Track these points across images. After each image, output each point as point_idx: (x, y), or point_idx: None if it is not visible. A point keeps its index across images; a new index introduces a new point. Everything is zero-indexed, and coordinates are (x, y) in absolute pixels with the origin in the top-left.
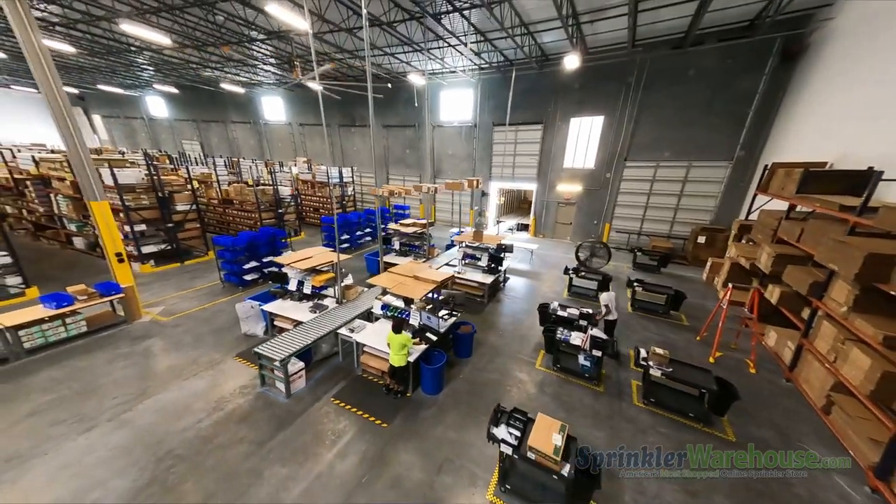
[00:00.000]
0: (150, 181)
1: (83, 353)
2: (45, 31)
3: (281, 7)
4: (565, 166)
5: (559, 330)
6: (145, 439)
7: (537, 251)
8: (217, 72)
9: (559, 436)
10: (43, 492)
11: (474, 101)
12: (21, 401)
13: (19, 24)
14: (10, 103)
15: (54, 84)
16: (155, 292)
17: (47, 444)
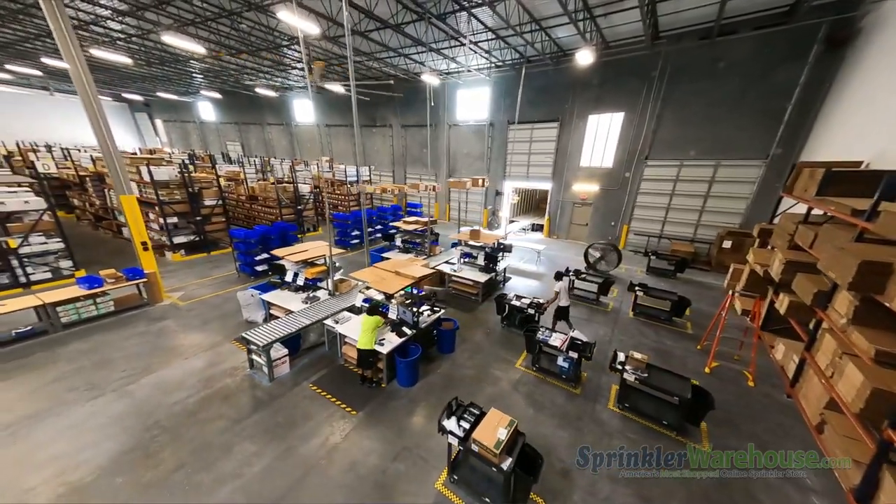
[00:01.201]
0: (182, 178)
1: (107, 330)
2: (106, 46)
3: (290, 13)
4: (582, 165)
5: (540, 330)
6: (140, 410)
7: (547, 252)
8: (252, 78)
9: (505, 430)
10: (48, 446)
11: (490, 100)
12: (50, 368)
13: (63, 42)
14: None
15: (90, 91)
16: (180, 279)
17: (61, 407)
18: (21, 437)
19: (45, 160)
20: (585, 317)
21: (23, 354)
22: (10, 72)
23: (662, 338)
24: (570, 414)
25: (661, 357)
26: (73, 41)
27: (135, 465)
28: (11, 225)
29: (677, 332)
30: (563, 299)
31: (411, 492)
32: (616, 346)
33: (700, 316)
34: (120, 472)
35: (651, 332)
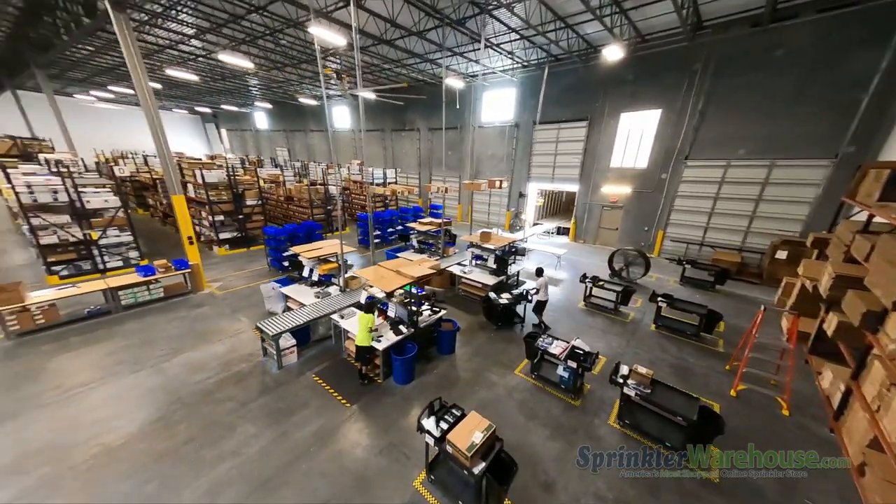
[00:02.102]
0: (228, 180)
1: (156, 313)
2: (179, 66)
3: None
4: (612, 166)
5: (541, 337)
6: (169, 386)
7: (570, 257)
8: (296, 88)
9: (481, 434)
10: (93, 410)
11: (515, 101)
12: (106, 343)
13: (133, 69)
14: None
15: (152, 108)
16: (220, 270)
17: (109, 378)
18: (75, 401)
19: (122, 166)
20: (601, 327)
21: (90, 330)
22: (111, 91)
23: (685, 354)
24: (565, 426)
25: (678, 375)
26: (141, 67)
27: (155, 434)
28: (94, 220)
29: (704, 349)
30: (541, 294)
31: (390, 487)
32: (630, 359)
33: (737, 334)
34: (143, 440)
35: (673, 348)
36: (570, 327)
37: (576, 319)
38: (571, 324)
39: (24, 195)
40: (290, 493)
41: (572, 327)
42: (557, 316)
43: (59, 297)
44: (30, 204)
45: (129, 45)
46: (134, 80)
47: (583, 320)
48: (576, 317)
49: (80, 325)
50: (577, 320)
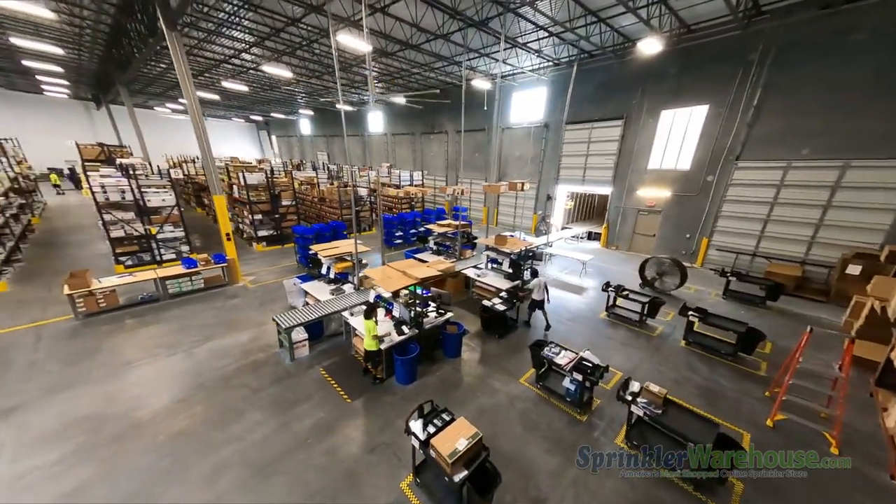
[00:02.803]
0: (267, 182)
1: (195, 302)
2: (233, 78)
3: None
4: (650, 167)
5: (548, 346)
6: (196, 370)
7: (597, 264)
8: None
9: (465, 442)
10: (131, 387)
11: (546, 100)
12: (152, 328)
13: (184, 85)
14: (218, 128)
15: (197, 113)
16: (255, 265)
17: (149, 359)
18: (118, 377)
19: (177, 169)
20: (622, 339)
21: (140, 315)
22: (181, 104)
23: (718, 375)
24: (566, 441)
25: (705, 397)
26: (189, 79)
27: (177, 413)
28: (154, 217)
29: (742, 371)
30: (535, 294)
31: (377, 486)
32: (650, 376)
33: (786, 357)
34: (166, 418)
35: (703, 367)
36: (586, 338)
37: (595, 330)
38: (589, 334)
39: (100, 194)
40: (284, 482)
41: (589, 338)
42: (575, 326)
43: (118, 284)
44: (103, 202)
45: (180, 59)
46: (183, 91)
47: (602, 331)
48: (595, 327)
49: (133, 310)
50: (595, 331)
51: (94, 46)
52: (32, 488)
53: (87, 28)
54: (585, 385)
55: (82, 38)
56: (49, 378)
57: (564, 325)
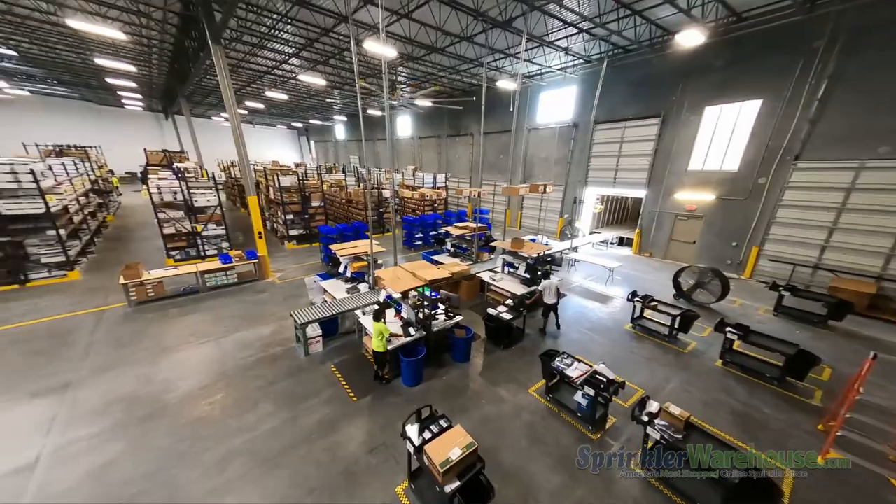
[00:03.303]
0: (298, 184)
1: (228, 295)
2: (273, 87)
3: (375, 43)
4: (690, 169)
5: (559, 356)
6: (221, 358)
7: (628, 272)
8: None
9: (459, 451)
10: (163, 371)
11: (576, 99)
12: (189, 317)
13: (224, 87)
14: (265, 135)
15: (236, 119)
16: (284, 262)
17: (182, 346)
18: (154, 362)
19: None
20: (646, 354)
21: (181, 305)
22: None
23: (760, 402)
24: (573, 459)
25: (741, 425)
26: (230, 89)
27: (199, 399)
28: (200, 216)
29: (790, 399)
30: (548, 297)
31: (373, 487)
32: (676, 396)
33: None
34: (188, 402)
35: (742, 391)
36: (605, 350)
37: (616, 342)
38: (609, 346)
39: (156, 195)
40: (285, 475)
41: (608, 350)
42: (594, 336)
43: (165, 275)
44: (158, 202)
45: (223, 71)
46: (224, 99)
47: (625, 344)
48: (618, 339)
49: (176, 300)
50: (617, 343)
51: (161, 63)
52: (73, 458)
53: (153, 47)
54: (598, 400)
55: (150, 56)
56: (100, 359)
57: (583, 335)
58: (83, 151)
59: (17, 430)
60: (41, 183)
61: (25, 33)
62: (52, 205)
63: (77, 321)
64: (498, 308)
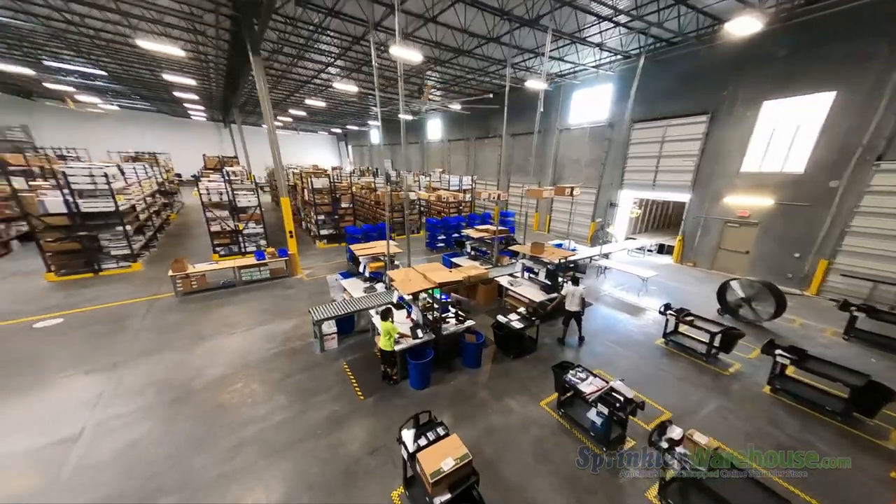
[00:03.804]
0: (330, 186)
1: (260, 290)
2: (311, 95)
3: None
4: (744, 170)
5: (574, 369)
6: (245, 349)
7: (665, 283)
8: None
9: (452, 462)
10: (196, 358)
11: (612, 97)
12: (225, 309)
13: (262, 95)
14: (307, 140)
15: (271, 125)
16: (314, 261)
17: (215, 335)
18: (189, 350)
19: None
20: (679, 373)
21: (219, 297)
22: (280, 121)
23: (815, 438)
24: (581, 481)
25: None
26: (267, 97)
27: (222, 387)
28: (241, 215)
29: (857, 438)
30: (570, 304)
31: (369, 491)
32: (709, 423)
33: None
34: (211, 390)
35: (792, 424)
36: (630, 365)
37: (644, 358)
38: (635, 362)
39: (205, 196)
40: (288, 468)
41: (634, 366)
42: (619, 350)
43: (207, 269)
44: (207, 202)
45: (261, 80)
46: (262, 107)
47: (654, 360)
48: (646, 355)
49: (216, 292)
50: (645, 359)
51: (217, 77)
52: (109, 434)
53: (210, 62)
54: (614, 419)
55: (208, 71)
56: (146, 343)
57: (607, 348)
58: (153, 157)
59: (70, 403)
60: (112, 185)
61: (110, 54)
62: (120, 204)
63: (133, 308)
64: (509, 316)
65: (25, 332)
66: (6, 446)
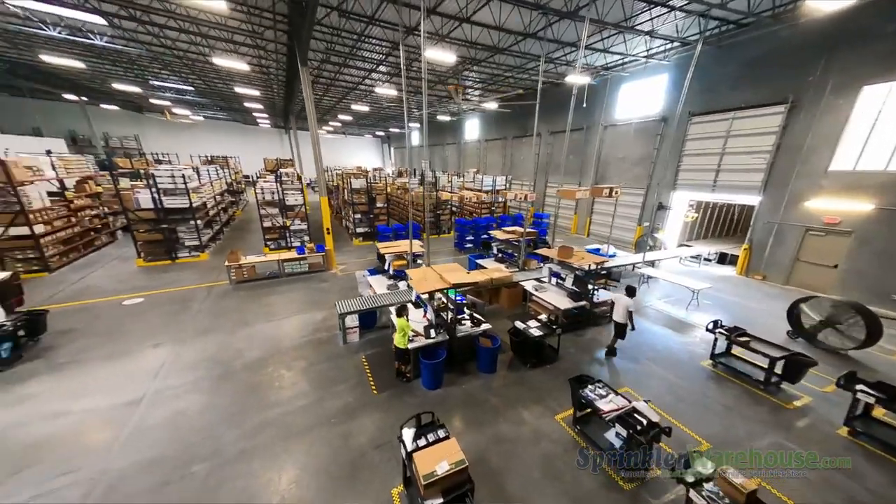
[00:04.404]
0: (367, 187)
1: (300, 282)
2: (358, 101)
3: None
4: (833, 169)
5: (594, 384)
6: (279, 336)
7: (723, 297)
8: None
9: (447, 466)
10: (238, 341)
11: (667, 89)
12: (267, 297)
13: (308, 101)
14: (354, 143)
15: (314, 129)
16: (349, 257)
17: (256, 321)
18: (235, 333)
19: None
20: (727, 401)
21: (264, 287)
22: (331, 125)
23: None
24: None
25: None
26: (312, 103)
27: (255, 370)
28: (289, 213)
29: None
30: (616, 313)
31: (371, 485)
32: (765, 466)
33: None
34: (247, 371)
35: (876, 478)
36: (665, 387)
37: (686, 380)
38: (674, 383)
39: (259, 195)
40: (301, 450)
41: (670, 388)
42: (655, 368)
43: (256, 261)
44: (261, 201)
45: (307, 87)
46: (307, 111)
47: (697, 383)
48: (688, 376)
49: (263, 282)
50: (686, 381)
51: (278, 87)
52: (164, 402)
53: (271, 74)
54: (634, 443)
55: (270, 82)
56: (202, 324)
57: (641, 365)
58: (224, 160)
59: (138, 371)
60: (188, 185)
61: (195, 72)
62: (193, 201)
63: (196, 292)
64: (528, 322)
65: (116, 308)
66: (89, 403)
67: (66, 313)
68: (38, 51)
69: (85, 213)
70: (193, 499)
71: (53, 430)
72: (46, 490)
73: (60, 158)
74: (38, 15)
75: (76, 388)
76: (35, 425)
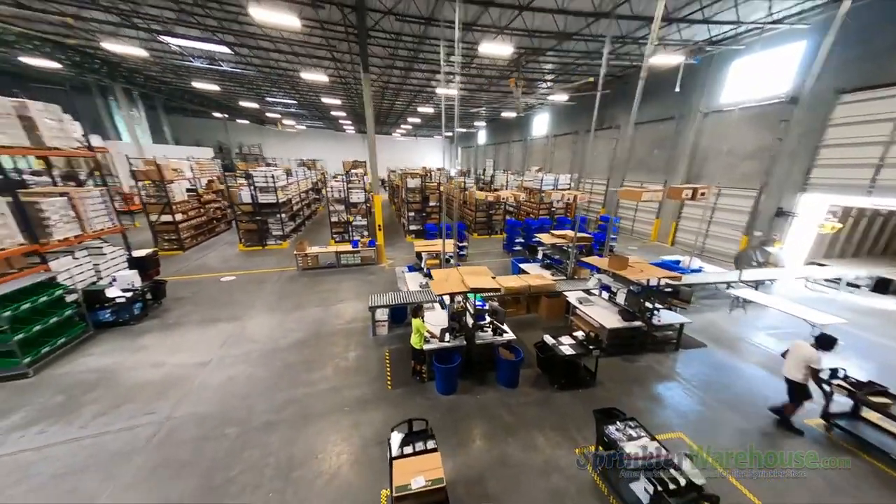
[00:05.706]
0: (421, 186)
1: (350, 273)
2: (424, 104)
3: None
4: None
5: (626, 421)
6: (320, 320)
7: (869, 337)
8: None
9: (423, 482)
10: (289, 323)
11: (801, 60)
12: (322, 285)
13: (366, 105)
14: (425, 144)
15: (371, 132)
16: (399, 252)
17: (309, 305)
18: (289, 314)
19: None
20: (840, 481)
21: (322, 275)
22: (402, 128)
23: None
24: None
25: None
26: (370, 106)
27: (294, 351)
28: (353, 209)
29: None
30: (787, 368)
31: (363, 482)
32: None
33: None
34: (289, 350)
35: None
36: (738, 441)
37: (774, 437)
38: (755, 438)
39: (330, 193)
40: (314, 431)
41: (742, 441)
42: (732, 417)
43: (318, 252)
44: (331, 198)
45: (367, 94)
46: (365, 114)
47: (794, 447)
48: (780, 435)
49: (322, 271)
50: (775, 440)
51: (357, 95)
52: (223, 367)
53: (349, 83)
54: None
55: (349, 91)
56: (267, 302)
57: (708, 408)
58: (312, 163)
59: (215, 338)
60: (277, 184)
61: (294, 87)
62: (280, 198)
63: (271, 275)
64: (560, 338)
65: (215, 284)
66: (178, 359)
67: (184, 284)
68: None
69: (210, 206)
70: (221, 457)
71: (152, 377)
72: (130, 425)
73: (197, 162)
74: (187, 50)
75: (174, 345)
76: (141, 370)
